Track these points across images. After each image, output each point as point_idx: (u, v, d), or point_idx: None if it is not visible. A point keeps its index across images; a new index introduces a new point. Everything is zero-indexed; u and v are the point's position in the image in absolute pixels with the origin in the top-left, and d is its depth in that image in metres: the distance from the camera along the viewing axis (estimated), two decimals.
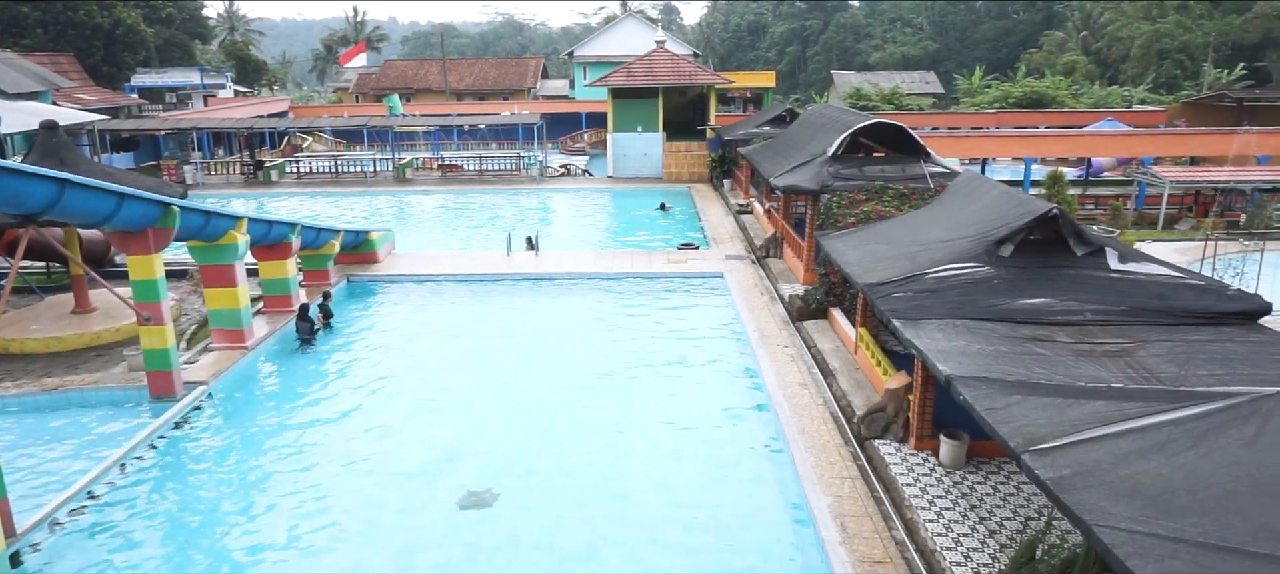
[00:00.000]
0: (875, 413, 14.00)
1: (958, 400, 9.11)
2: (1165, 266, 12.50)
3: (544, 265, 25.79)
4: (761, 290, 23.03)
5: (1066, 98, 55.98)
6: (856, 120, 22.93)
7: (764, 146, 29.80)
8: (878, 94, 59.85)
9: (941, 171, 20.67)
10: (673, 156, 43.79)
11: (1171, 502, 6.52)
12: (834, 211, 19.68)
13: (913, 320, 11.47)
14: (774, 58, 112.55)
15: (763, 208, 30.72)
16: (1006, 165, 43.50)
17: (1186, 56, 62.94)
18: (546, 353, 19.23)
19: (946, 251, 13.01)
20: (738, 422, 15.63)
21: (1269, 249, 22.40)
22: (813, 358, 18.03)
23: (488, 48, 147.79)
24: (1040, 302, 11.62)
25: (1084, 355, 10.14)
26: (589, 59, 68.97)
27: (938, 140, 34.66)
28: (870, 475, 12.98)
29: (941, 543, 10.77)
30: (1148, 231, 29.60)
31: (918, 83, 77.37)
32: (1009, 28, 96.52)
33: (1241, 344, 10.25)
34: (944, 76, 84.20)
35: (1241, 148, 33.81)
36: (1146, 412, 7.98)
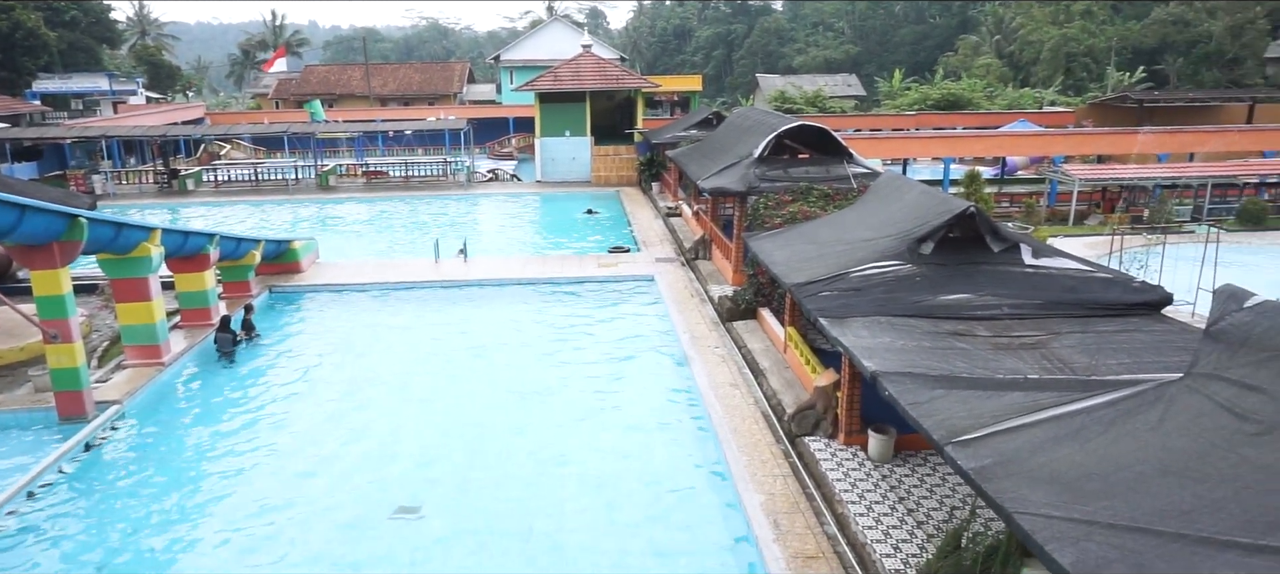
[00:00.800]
0: (805, 410, 14.22)
1: (883, 396, 9.32)
2: (1076, 261, 13.02)
3: (473, 272, 25.51)
4: (691, 292, 23.20)
5: (982, 99, 57.86)
6: (781, 123, 23.29)
7: (691, 149, 30.05)
8: (802, 97, 60.92)
9: (864, 172, 21.13)
10: (601, 160, 43.80)
11: (1085, 486, 6.78)
12: (761, 213, 19.94)
13: (839, 319, 11.70)
14: (700, 61, 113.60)
15: (691, 210, 30.96)
16: (926, 165, 44.76)
17: (1092, 60, 65.71)
18: (477, 360, 19.01)
19: (870, 250, 13.31)
20: (670, 423, 15.70)
21: (1170, 242, 23.54)
22: (743, 358, 18.23)
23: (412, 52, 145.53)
24: (960, 297, 11.97)
25: (1002, 348, 10.48)
26: (515, 63, 68.54)
27: (860, 142, 35.42)
28: (802, 472, 13.18)
29: (872, 535, 10.99)
30: (1060, 227, 30.78)
31: (840, 85, 79.03)
32: (926, 32, 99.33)
33: (1146, 333, 10.73)
34: (865, 79, 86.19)
35: (1143, 147, 35.47)
36: (1061, 401, 8.29)
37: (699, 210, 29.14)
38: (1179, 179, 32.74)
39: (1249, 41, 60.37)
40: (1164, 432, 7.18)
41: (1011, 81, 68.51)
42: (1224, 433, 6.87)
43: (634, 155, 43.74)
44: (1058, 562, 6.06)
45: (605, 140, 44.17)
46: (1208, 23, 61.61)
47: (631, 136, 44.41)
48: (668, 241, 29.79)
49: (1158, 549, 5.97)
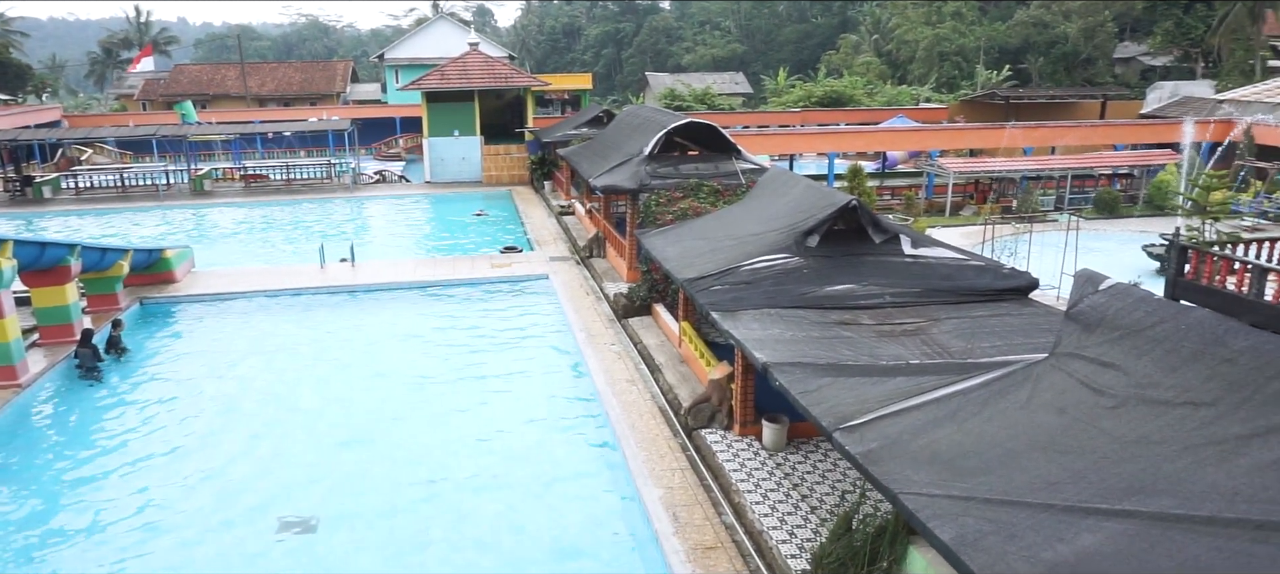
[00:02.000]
0: (701, 403, 14.43)
1: (775, 386, 9.55)
2: (951, 250, 13.67)
3: (361, 276, 24.78)
4: (586, 290, 23.19)
5: (863, 97, 59.99)
6: (671, 120, 23.55)
7: (582, 148, 30.03)
8: (691, 94, 61.74)
9: (752, 168, 21.59)
10: (492, 160, 43.27)
11: (963, 464, 7.13)
12: (653, 210, 20.11)
13: (730, 312, 11.92)
14: (590, 60, 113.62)
15: (584, 208, 30.95)
16: (812, 161, 46.07)
17: (963, 58, 69.06)
18: (368, 366, 18.48)
19: (759, 244, 13.61)
20: (568, 422, 15.66)
21: (1036, 231, 24.96)
22: (639, 354, 18.35)
23: (291, 50, 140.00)
24: (845, 287, 12.39)
25: (885, 335, 10.91)
26: (401, 62, 66.89)
27: (748, 138, 36.21)
28: (699, 464, 13.36)
29: (768, 523, 11.24)
30: (937, 218, 32.23)
31: (728, 83, 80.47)
32: (809, 31, 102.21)
33: (1016, 317, 11.38)
34: (752, 77, 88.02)
35: (1010, 141, 37.55)
36: (940, 384, 8.69)
37: (592, 208, 29.16)
38: (1043, 171, 34.81)
39: (1100, 43, 64.73)
40: (1032, 409, 7.63)
41: (890, 79, 71.28)
42: (1084, 407, 7.35)
43: (525, 154, 43.39)
44: (939, 538, 6.36)
45: (495, 139, 43.65)
46: (1064, 25, 65.67)
47: (522, 135, 44.04)
48: (562, 240, 29.68)
49: (1028, 519, 6.33)
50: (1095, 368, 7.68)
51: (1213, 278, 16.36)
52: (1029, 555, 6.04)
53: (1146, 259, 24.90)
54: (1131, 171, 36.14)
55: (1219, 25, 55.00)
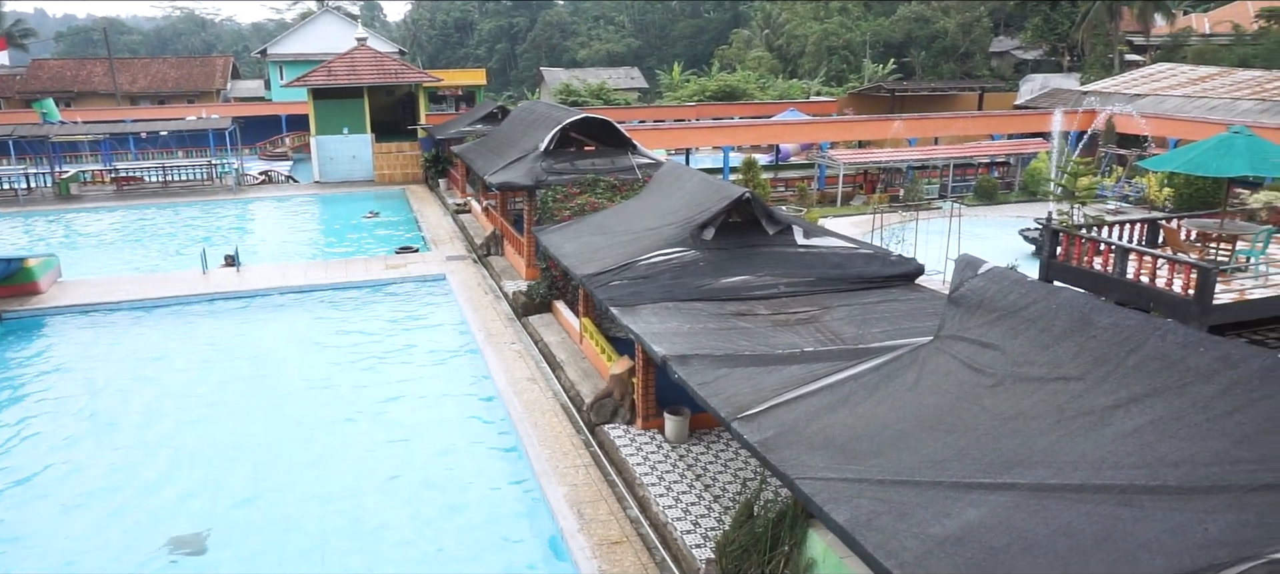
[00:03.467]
0: (603, 399, 14.44)
1: (674, 379, 9.63)
2: (842, 239, 14.08)
3: (247, 282, 23.75)
4: (485, 289, 22.88)
5: (755, 90, 61.15)
6: (566, 116, 23.46)
7: (477, 144, 29.59)
8: (587, 89, 61.66)
9: (648, 162, 21.72)
10: (384, 158, 42.18)
11: (856, 447, 7.36)
12: (550, 206, 19.99)
13: (629, 306, 11.97)
14: (484, 55, 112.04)
15: (481, 206, 30.52)
16: (708, 154, 46.69)
17: (850, 52, 71.21)
18: (257, 376, 17.74)
19: (656, 238, 13.70)
20: (469, 423, 15.43)
21: (921, 218, 25.98)
22: (540, 352, 18.23)
23: (165, 45, 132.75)
24: (741, 279, 12.60)
25: (781, 325, 11.15)
26: (285, 57, 64.38)
27: (645, 133, 36.42)
28: (603, 460, 13.37)
29: (672, 515, 11.34)
30: (829, 209, 33.16)
31: (623, 78, 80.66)
32: (702, 26, 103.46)
33: (903, 302, 11.81)
34: (647, 72, 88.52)
35: (896, 132, 38.98)
36: (833, 370, 8.94)
37: (489, 206, 28.78)
38: (927, 161, 36.27)
39: (977, 37, 67.87)
40: (919, 391, 7.93)
41: (781, 73, 72.86)
42: (967, 387, 7.69)
43: (418, 152, 42.46)
44: (834, 520, 6.54)
45: (387, 137, 42.56)
46: (943, 20, 68.53)
47: (415, 133, 43.07)
48: (458, 239, 29.19)
49: (917, 497, 6.58)
50: (976, 348, 8.05)
51: (1082, 259, 17.38)
52: (919, 532, 6.28)
53: (1023, 243, 26.26)
54: (1008, 160, 38.06)
55: (1081, 21, 58.42)
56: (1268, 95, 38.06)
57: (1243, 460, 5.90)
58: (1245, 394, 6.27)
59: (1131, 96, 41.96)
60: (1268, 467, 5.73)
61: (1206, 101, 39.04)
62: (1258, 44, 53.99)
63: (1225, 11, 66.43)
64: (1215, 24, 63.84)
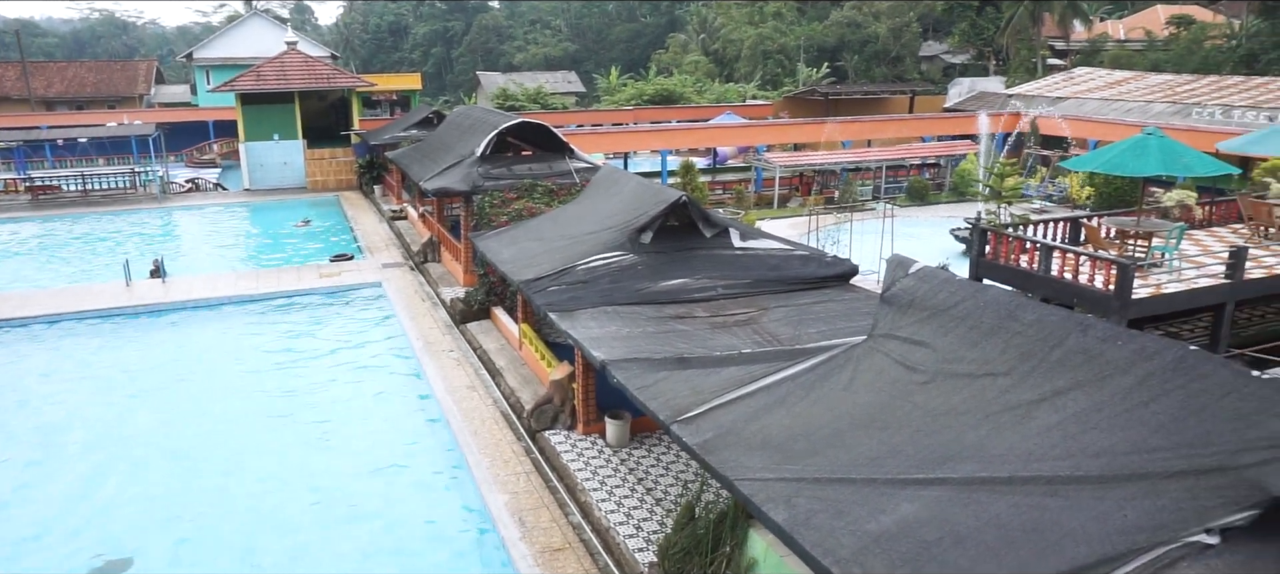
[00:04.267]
0: (543, 405, 14.36)
1: (613, 383, 9.63)
2: (778, 241, 14.26)
3: (174, 293, 23.00)
4: (422, 296, 22.57)
5: (693, 94, 61.53)
6: (502, 120, 23.29)
7: (412, 150, 29.18)
8: (524, 94, 61.28)
9: (585, 167, 21.69)
10: (316, 165, 41.30)
11: (793, 447, 7.45)
12: (487, 212, 19.83)
13: (568, 312, 11.93)
14: (419, 59, 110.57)
15: (417, 212, 30.11)
16: (646, 158, 46.83)
17: (785, 56, 72.19)
18: (186, 391, 17.18)
19: (594, 243, 13.69)
20: (408, 433, 15.19)
21: (856, 220, 26.45)
22: (479, 359, 18.05)
23: (83, 49, 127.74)
24: (679, 282, 12.67)
25: (719, 327, 11.24)
26: (211, 62, 62.59)
27: (583, 137, 36.37)
28: (544, 467, 13.30)
29: (614, 519, 11.34)
30: (766, 211, 33.54)
31: (561, 82, 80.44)
32: (639, 30, 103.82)
33: (838, 302, 12.01)
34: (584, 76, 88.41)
35: (830, 135, 39.64)
36: (770, 371, 9.04)
37: (425, 212, 28.40)
38: (861, 163, 36.97)
39: (907, 42, 69.48)
40: (854, 389, 8.07)
41: (718, 77, 73.46)
42: (900, 385, 7.85)
43: (352, 158, 41.68)
44: (773, 520, 6.61)
45: (319, 143, 41.67)
46: (874, 25, 69.99)
47: (349, 138, 42.27)
48: (395, 246, 28.74)
49: (854, 495, 6.69)
50: (908, 347, 8.22)
51: (1010, 257, 17.90)
52: (855, 529, 6.38)
53: (954, 242, 26.94)
54: (938, 161, 39.02)
55: (1006, 26, 60.28)
56: (1178, 98, 39.77)
57: (1158, 448, 6.14)
58: (1160, 385, 6.53)
59: (1054, 99, 43.42)
60: (1181, 454, 5.98)
61: (1123, 104, 40.63)
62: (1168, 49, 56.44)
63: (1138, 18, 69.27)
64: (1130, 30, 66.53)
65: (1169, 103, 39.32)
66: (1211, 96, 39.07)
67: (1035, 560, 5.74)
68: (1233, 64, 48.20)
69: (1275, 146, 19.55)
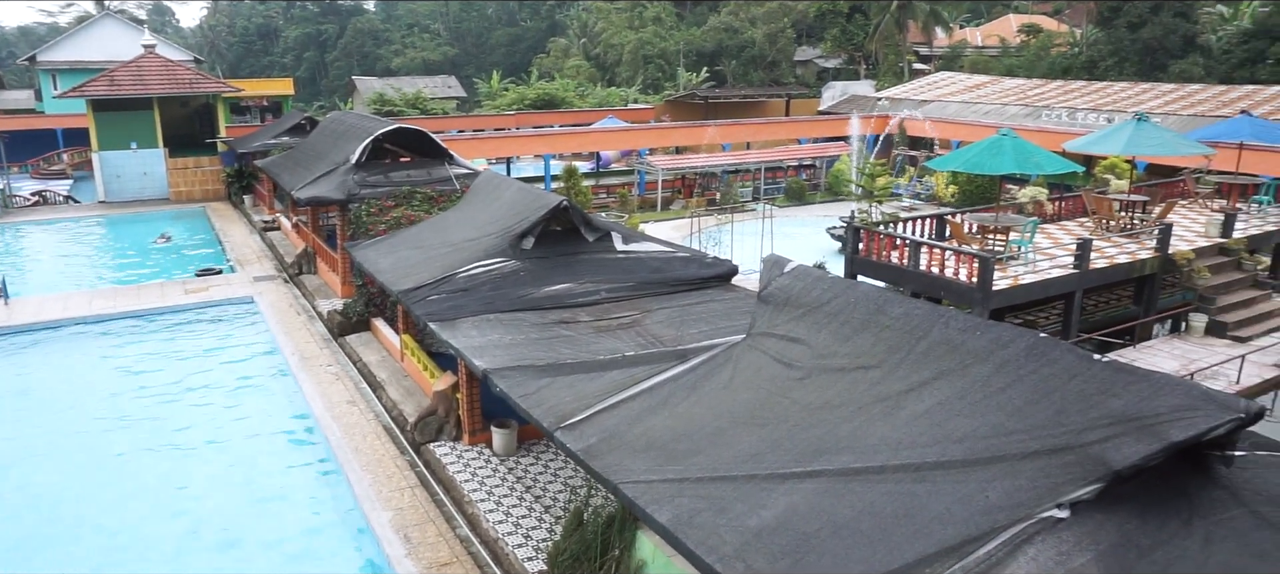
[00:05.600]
0: (427, 417, 14.05)
1: (495, 392, 9.50)
2: (660, 243, 14.41)
3: (19, 315, 21.30)
4: (298, 310, 21.70)
5: (575, 99, 61.55)
6: (378, 126, 22.68)
7: (283, 158, 28.04)
8: (402, 99, 59.85)
9: (466, 173, 21.37)
10: (180, 174, 39.13)
11: (676, 448, 7.53)
12: (364, 220, 19.26)
13: (449, 321, 11.71)
14: (291, 64, 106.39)
15: (290, 223, 28.95)
16: (530, 162, 46.51)
17: (665, 61, 73.10)
18: (36, 421, 15.92)
19: (475, 250, 13.49)
20: (284, 453, 14.56)
21: (737, 220, 27.07)
22: (359, 372, 17.50)
23: None
24: (562, 287, 12.62)
25: (603, 331, 11.25)
26: (59, 65, 58.31)
27: (464, 143, 35.80)
28: (430, 480, 13.01)
29: (503, 529, 11.19)
30: (650, 214, 33.87)
31: (441, 87, 79.04)
32: (520, 34, 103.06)
33: (720, 302, 12.23)
34: (465, 81, 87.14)
35: (711, 138, 40.39)
36: (653, 373, 9.12)
37: (299, 222, 27.33)
38: (741, 165, 37.82)
39: (782, 47, 71.57)
40: (733, 388, 8.23)
41: (599, 81, 73.75)
42: (777, 381, 8.05)
43: (219, 166, 39.71)
44: (657, 521, 6.66)
45: (183, 151, 39.51)
46: (750, 30, 71.79)
47: (215, 146, 40.24)
48: (267, 258, 27.53)
49: (735, 491, 6.82)
50: (784, 344, 8.45)
51: (882, 254, 18.66)
52: (737, 525, 6.50)
53: (830, 240, 27.90)
54: (814, 162, 40.34)
55: (874, 33, 62.97)
56: (1030, 101, 42.48)
57: (1015, 431, 6.52)
58: (1015, 371, 6.93)
59: (919, 102, 45.60)
60: (1034, 435, 6.36)
61: (981, 106, 43.06)
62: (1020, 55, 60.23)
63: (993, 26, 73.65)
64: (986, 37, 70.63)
65: (1022, 105, 41.95)
66: (1058, 99, 41.92)
67: (907, 544, 5.99)
68: (1076, 69, 51.86)
69: (1114, 146, 21.08)
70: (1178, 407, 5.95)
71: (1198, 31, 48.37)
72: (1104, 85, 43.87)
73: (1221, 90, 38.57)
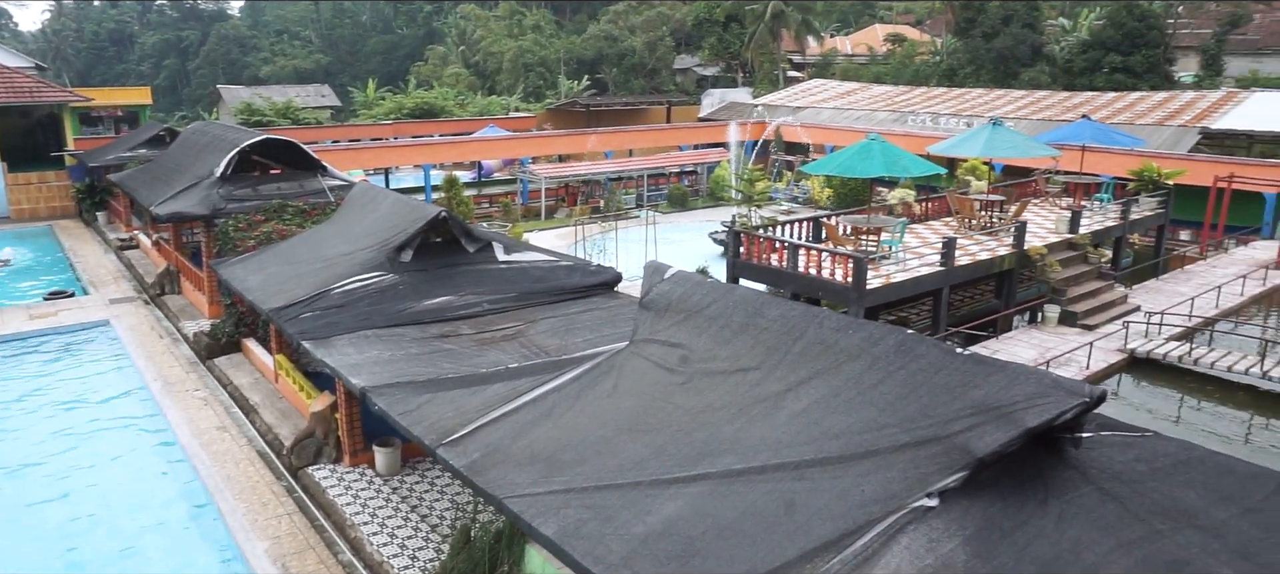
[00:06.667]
0: (304, 440, 13.49)
1: (375, 410, 9.22)
2: (543, 253, 14.32)
3: None
4: (160, 333, 20.46)
5: (455, 107, 60.51)
6: (244, 137, 21.66)
7: (141, 171, 26.40)
8: (272, 108, 57.35)
9: (340, 184, 20.68)
10: (22, 191, 36.26)
11: (561, 459, 7.48)
12: (231, 236, 18.35)
13: (324, 339, 11.29)
14: (149, 72, 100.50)
15: (150, 240, 27.30)
16: (409, 173, 45.44)
17: (546, 69, 72.90)
18: None
19: (350, 264, 13.06)
20: (148, 487, 13.65)
21: (621, 227, 27.18)
22: (231, 396, 16.65)
23: None
24: (443, 300, 12.37)
25: (486, 343, 11.09)
26: None
27: (339, 153, 34.69)
28: (309, 505, 12.49)
29: (388, 552, 10.85)
30: (535, 223, 33.65)
31: (314, 96, 76.28)
32: (395, 42, 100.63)
33: (604, 310, 12.25)
34: (340, 89, 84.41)
35: (593, 146, 40.51)
36: (536, 384, 9.04)
37: (160, 239, 25.80)
38: (624, 172, 38.06)
39: (661, 55, 72.60)
40: (617, 395, 8.25)
41: (480, 89, 72.81)
42: (660, 387, 8.12)
43: (68, 182, 37.02)
44: (543, 534, 6.60)
45: (25, 165, 36.60)
46: (630, 39, 72.51)
47: (62, 160, 37.50)
48: (124, 278, 25.85)
49: (621, 500, 6.83)
50: (666, 349, 8.53)
51: (763, 257, 19.14)
52: (623, 533, 6.51)
53: (713, 244, 28.40)
54: (695, 169, 41.01)
55: (749, 41, 64.65)
56: (896, 107, 44.51)
57: (887, 425, 6.78)
58: (886, 367, 7.22)
59: (794, 108, 47.07)
60: (904, 428, 6.64)
61: (852, 112, 44.83)
62: (887, 63, 63.05)
63: (861, 35, 76.87)
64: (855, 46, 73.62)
65: (889, 111, 43.90)
66: (922, 105, 44.09)
67: (788, 541, 6.13)
68: (938, 77, 54.72)
69: (973, 148, 22.35)
70: (1032, 395, 6.33)
71: (1043, 42, 51.86)
72: (963, 92, 46.46)
73: (1066, 96, 41.51)
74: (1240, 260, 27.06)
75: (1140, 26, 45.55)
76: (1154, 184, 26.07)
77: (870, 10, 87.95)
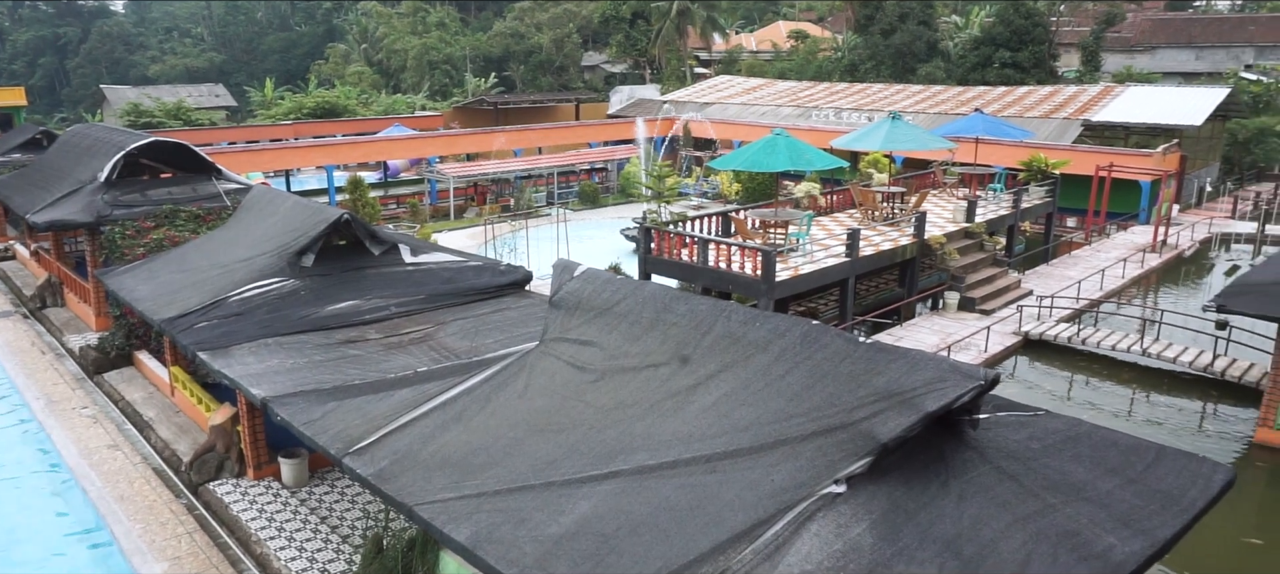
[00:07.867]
0: (204, 454, 12.94)
1: (277, 421, 8.90)
2: (452, 253, 14.08)
3: None
4: (42, 348, 19.30)
5: (358, 106, 58.89)
6: (130, 140, 20.58)
7: (15, 177, 24.83)
8: (162, 109, 54.71)
9: (237, 188, 19.87)
10: None
11: (472, 463, 7.37)
12: (119, 244, 17.43)
13: (221, 348, 10.83)
14: (23, 71, 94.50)
15: (29, 250, 25.71)
16: (312, 174, 44.03)
17: (452, 67, 71.67)
18: None
19: (248, 270, 12.57)
20: (31, 513, 12.86)
21: (532, 226, 26.99)
22: (123, 412, 15.84)
23: None
24: (349, 304, 12.03)
25: (393, 347, 10.83)
26: None
27: (236, 155, 33.37)
28: (211, 522, 12.01)
29: (296, 567, 10.52)
30: (444, 223, 33.07)
31: (207, 96, 73.17)
32: (294, 40, 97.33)
33: (515, 310, 12.12)
34: (235, 89, 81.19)
35: (501, 144, 40.06)
36: (445, 387, 8.87)
37: (40, 249, 24.32)
38: (533, 170, 37.77)
39: (569, 52, 72.30)
40: (529, 396, 8.17)
41: (384, 88, 71.09)
42: (572, 386, 8.08)
43: None
44: (455, 540, 6.49)
45: None
46: (537, 36, 71.95)
47: None
48: (1, 292, 24.29)
49: (533, 501, 6.76)
50: (577, 347, 8.49)
51: (674, 252, 19.26)
52: (536, 535, 6.45)
53: (625, 241, 28.45)
54: (605, 165, 41.00)
55: (656, 38, 64.99)
56: (800, 102, 45.46)
57: (795, 415, 6.91)
58: (793, 358, 7.35)
59: (702, 104, 47.57)
60: (812, 417, 6.77)
61: (758, 108, 45.57)
62: (791, 59, 64.37)
63: (766, 33, 78.28)
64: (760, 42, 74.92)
65: (794, 106, 44.80)
66: (825, 100, 45.18)
67: (702, 534, 6.18)
68: (840, 72, 56.15)
69: (874, 142, 23.01)
70: (930, 380, 6.55)
71: (938, 38, 53.81)
72: (864, 87, 47.80)
73: (960, 91, 43.13)
74: (1121, 244, 28.69)
75: (1027, 24, 47.71)
76: (1042, 174, 27.34)
77: (774, 8, 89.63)
